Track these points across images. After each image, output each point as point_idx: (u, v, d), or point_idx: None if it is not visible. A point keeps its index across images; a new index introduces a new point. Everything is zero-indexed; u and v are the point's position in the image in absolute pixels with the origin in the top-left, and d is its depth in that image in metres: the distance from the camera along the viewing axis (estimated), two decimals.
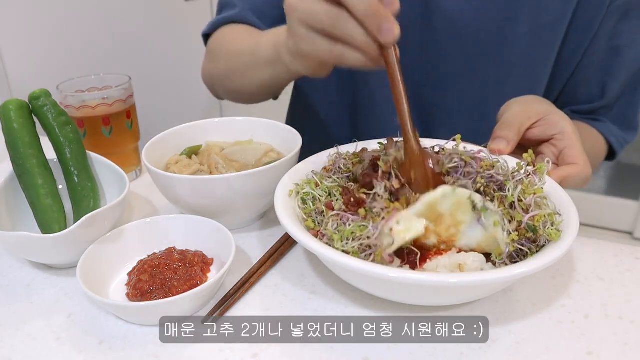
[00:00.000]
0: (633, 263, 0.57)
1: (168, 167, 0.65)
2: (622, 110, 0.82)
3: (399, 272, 0.43)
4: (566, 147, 0.60)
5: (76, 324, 0.50)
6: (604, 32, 0.75)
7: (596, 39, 0.76)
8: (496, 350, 0.46)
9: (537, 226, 0.47)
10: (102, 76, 0.78)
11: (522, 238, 0.47)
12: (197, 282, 0.52)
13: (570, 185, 0.58)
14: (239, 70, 0.78)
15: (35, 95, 0.61)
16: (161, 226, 0.58)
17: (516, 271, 0.43)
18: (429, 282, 0.42)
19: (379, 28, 0.48)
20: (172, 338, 0.48)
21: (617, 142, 0.82)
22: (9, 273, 0.58)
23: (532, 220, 0.48)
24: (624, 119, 0.82)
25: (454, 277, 0.42)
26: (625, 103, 0.81)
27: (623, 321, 0.49)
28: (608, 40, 0.76)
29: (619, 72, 0.78)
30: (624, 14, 0.74)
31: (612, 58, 0.77)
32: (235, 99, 0.88)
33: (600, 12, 0.74)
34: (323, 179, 0.57)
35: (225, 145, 0.70)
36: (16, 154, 0.58)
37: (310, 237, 0.48)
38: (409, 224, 0.47)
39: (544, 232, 0.48)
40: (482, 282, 0.42)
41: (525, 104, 0.65)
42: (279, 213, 0.51)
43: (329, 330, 0.48)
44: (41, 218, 0.57)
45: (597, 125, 0.82)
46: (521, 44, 0.76)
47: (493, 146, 0.59)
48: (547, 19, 0.74)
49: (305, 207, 0.54)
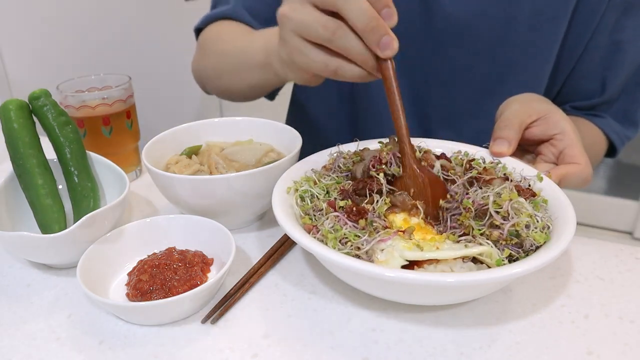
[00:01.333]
0: (633, 263, 0.57)
1: (168, 167, 0.65)
2: (623, 106, 0.81)
3: (396, 272, 0.43)
4: (566, 147, 0.59)
5: (76, 324, 0.50)
6: (605, 27, 0.75)
7: (597, 34, 0.76)
8: (496, 350, 0.46)
9: (519, 231, 0.47)
10: (102, 76, 0.78)
11: (508, 244, 0.47)
12: (197, 282, 0.52)
13: (569, 185, 0.58)
14: (228, 70, 0.78)
15: (35, 95, 0.61)
16: (161, 226, 0.58)
17: (513, 271, 0.43)
18: (425, 281, 0.42)
19: (379, 42, 0.47)
20: (172, 338, 0.48)
21: (617, 138, 0.82)
22: (9, 273, 0.58)
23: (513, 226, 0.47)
24: (625, 115, 0.82)
25: (451, 276, 0.42)
26: (627, 99, 0.81)
27: (623, 321, 0.49)
28: (609, 36, 0.76)
29: (620, 68, 0.78)
30: (626, 9, 0.74)
31: (614, 53, 0.77)
32: (226, 96, 0.88)
33: (601, 7, 0.73)
34: (321, 177, 0.57)
35: (225, 146, 0.70)
36: (16, 154, 0.58)
37: (307, 236, 0.48)
38: (391, 258, 0.46)
39: (528, 234, 0.47)
40: (478, 281, 0.42)
41: (524, 102, 0.64)
42: (276, 213, 0.51)
43: (329, 330, 0.48)
44: (41, 218, 0.57)
45: (597, 121, 0.82)
46: (522, 42, 0.75)
47: (494, 149, 0.59)
48: (547, 17, 0.74)
49: (303, 204, 0.54)
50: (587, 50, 0.77)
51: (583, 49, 0.77)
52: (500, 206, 0.48)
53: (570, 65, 0.79)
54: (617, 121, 0.82)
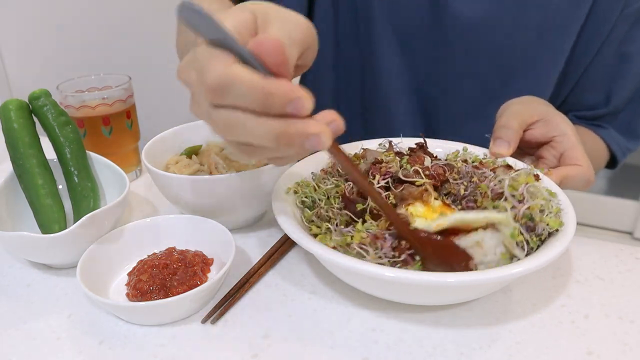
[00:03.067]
0: (633, 263, 0.57)
1: (168, 167, 0.65)
2: (627, 119, 0.81)
3: (395, 272, 0.43)
4: (567, 149, 0.59)
5: (76, 324, 0.50)
6: (614, 39, 0.74)
7: (605, 46, 0.75)
8: (496, 350, 0.46)
9: (533, 214, 0.47)
10: (102, 76, 0.78)
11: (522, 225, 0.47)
12: (197, 282, 0.52)
13: (570, 187, 0.58)
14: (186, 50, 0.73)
15: (35, 95, 0.61)
16: (161, 226, 0.58)
17: (512, 270, 0.43)
18: (424, 282, 0.42)
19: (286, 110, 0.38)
20: (172, 338, 0.48)
21: (619, 150, 0.81)
22: (9, 273, 0.58)
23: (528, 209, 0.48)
24: (628, 127, 0.81)
25: (451, 276, 0.42)
26: (631, 111, 0.80)
27: (623, 321, 0.49)
28: (617, 47, 0.75)
29: (626, 80, 0.77)
30: (636, 20, 0.73)
31: (621, 65, 0.76)
32: None
33: (612, 18, 0.72)
34: (320, 182, 0.57)
35: (225, 146, 0.70)
36: (16, 154, 0.58)
37: (306, 236, 0.48)
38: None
39: (542, 219, 0.47)
40: (478, 281, 0.42)
41: (525, 103, 0.64)
42: (276, 213, 0.51)
43: (329, 330, 0.48)
44: (41, 218, 0.57)
45: (600, 132, 0.81)
46: (529, 48, 0.75)
47: (494, 149, 0.59)
48: (556, 24, 0.73)
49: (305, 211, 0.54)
50: (594, 61, 0.76)
51: (591, 59, 0.76)
52: (516, 189, 0.49)
53: (576, 75, 0.79)
54: (620, 133, 0.81)
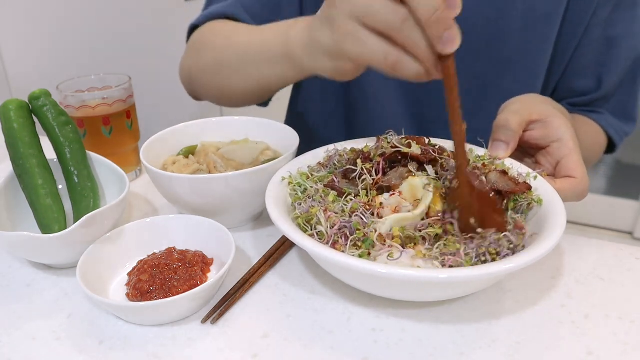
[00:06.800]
0: (633, 263, 0.57)
1: (165, 167, 0.65)
2: (620, 102, 0.82)
3: (387, 269, 0.43)
4: (564, 157, 0.58)
5: (76, 324, 0.50)
6: (597, 23, 0.75)
7: (589, 30, 0.76)
8: (496, 350, 0.46)
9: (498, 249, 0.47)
10: (102, 76, 0.78)
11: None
12: (197, 282, 0.52)
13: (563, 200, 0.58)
14: (231, 65, 0.73)
15: (35, 95, 0.61)
16: (161, 226, 0.58)
17: (505, 266, 0.43)
18: (416, 277, 0.42)
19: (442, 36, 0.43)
20: (172, 338, 0.48)
21: (616, 134, 0.82)
22: (9, 273, 0.58)
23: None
24: (622, 110, 0.82)
25: (443, 272, 0.42)
26: (624, 94, 0.81)
27: (623, 321, 0.49)
28: (602, 31, 0.76)
29: (614, 63, 0.78)
30: (617, 4, 0.74)
31: (608, 49, 0.77)
32: (219, 98, 0.81)
33: (592, 3, 0.74)
34: (313, 171, 0.57)
35: (221, 145, 0.70)
36: (16, 154, 0.58)
37: (302, 234, 0.48)
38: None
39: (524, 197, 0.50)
40: (470, 277, 0.43)
41: (526, 102, 0.64)
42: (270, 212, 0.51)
43: (329, 330, 0.48)
44: (41, 218, 0.57)
45: (595, 117, 0.82)
46: (516, 39, 0.76)
47: (492, 152, 0.59)
48: (540, 13, 0.74)
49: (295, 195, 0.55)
50: (580, 47, 0.78)
51: (577, 45, 0.77)
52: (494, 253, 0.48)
53: (564, 62, 0.79)
54: (615, 117, 0.82)
